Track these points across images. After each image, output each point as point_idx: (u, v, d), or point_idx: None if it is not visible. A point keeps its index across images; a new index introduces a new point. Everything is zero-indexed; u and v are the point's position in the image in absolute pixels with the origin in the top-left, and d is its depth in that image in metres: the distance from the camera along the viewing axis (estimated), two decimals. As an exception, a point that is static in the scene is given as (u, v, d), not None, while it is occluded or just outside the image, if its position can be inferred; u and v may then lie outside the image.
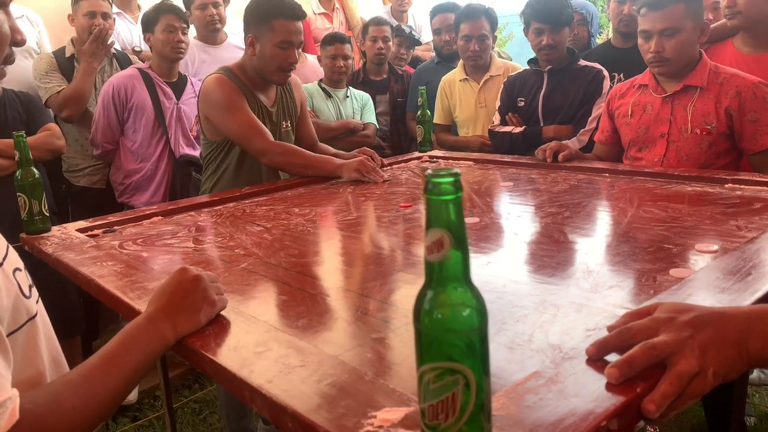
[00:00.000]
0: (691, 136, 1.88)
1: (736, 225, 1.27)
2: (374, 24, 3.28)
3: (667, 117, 1.93)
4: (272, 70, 2.05)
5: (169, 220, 1.65)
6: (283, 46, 2.00)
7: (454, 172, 0.52)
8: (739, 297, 0.89)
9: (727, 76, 1.87)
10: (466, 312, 0.53)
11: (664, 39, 1.85)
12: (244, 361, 0.79)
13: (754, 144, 1.83)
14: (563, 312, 0.91)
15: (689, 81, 1.90)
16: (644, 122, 1.98)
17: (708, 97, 1.86)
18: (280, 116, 2.20)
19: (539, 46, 2.41)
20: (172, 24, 2.60)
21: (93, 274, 1.18)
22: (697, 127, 1.86)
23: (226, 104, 2.02)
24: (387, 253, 1.32)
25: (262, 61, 2.03)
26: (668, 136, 1.92)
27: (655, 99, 1.97)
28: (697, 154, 1.88)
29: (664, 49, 1.86)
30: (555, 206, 1.56)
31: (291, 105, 2.26)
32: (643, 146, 1.99)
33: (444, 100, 2.89)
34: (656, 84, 1.97)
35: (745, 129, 1.82)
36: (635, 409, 0.64)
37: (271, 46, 2.00)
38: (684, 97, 1.91)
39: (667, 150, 1.92)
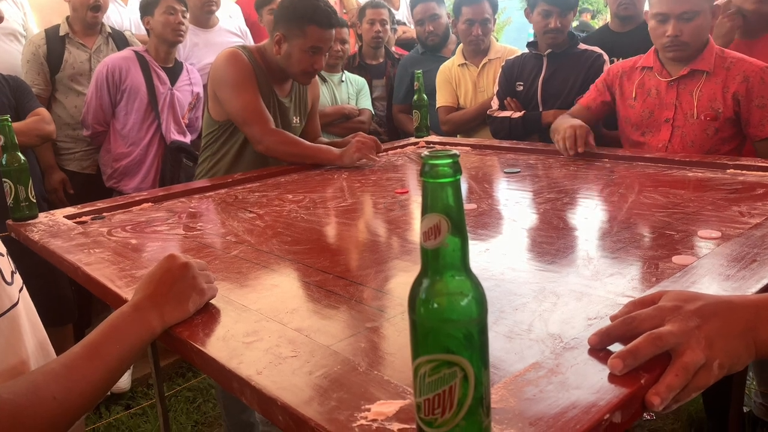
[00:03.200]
0: (696, 122, 1.83)
1: (739, 211, 1.25)
2: (372, 7, 3.22)
3: (672, 102, 1.88)
4: (296, 73, 2.00)
5: (159, 207, 1.62)
6: (312, 52, 1.95)
7: (453, 153, 0.49)
8: (744, 284, 0.86)
9: (734, 61, 1.82)
10: (465, 301, 0.50)
11: (683, 23, 1.78)
12: (233, 351, 0.76)
13: (761, 130, 1.78)
14: (563, 300, 0.88)
15: (696, 65, 1.84)
16: (648, 106, 1.93)
17: (715, 82, 1.81)
18: (293, 111, 2.15)
19: (545, 29, 2.36)
20: (173, 6, 2.55)
21: (80, 261, 1.15)
22: (704, 112, 1.82)
23: (234, 82, 1.94)
24: (382, 240, 1.29)
25: (287, 61, 1.98)
26: (673, 121, 1.87)
27: (660, 82, 1.91)
28: (703, 140, 1.83)
29: (682, 33, 1.78)
30: (554, 192, 1.53)
31: (304, 100, 2.21)
32: (646, 130, 1.94)
33: (447, 84, 2.84)
34: (661, 67, 1.91)
35: (752, 114, 1.78)
36: (639, 401, 0.61)
37: (299, 50, 1.94)
38: (690, 81, 1.85)
39: (672, 135, 1.88)
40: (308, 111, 2.25)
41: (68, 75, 2.65)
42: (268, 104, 2.01)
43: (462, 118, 2.78)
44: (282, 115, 2.10)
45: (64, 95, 2.67)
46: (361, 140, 2.00)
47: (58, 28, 2.66)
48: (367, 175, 1.89)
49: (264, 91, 2.00)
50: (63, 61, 2.63)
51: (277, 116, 2.06)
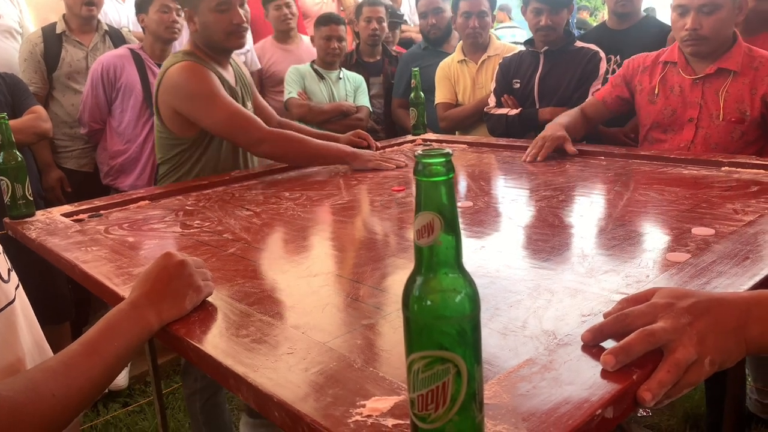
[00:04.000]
0: (722, 124, 1.76)
1: (733, 208, 1.26)
2: (369, 4, 3.23)
3: (697, 101, 1.80)
4: (221, 38, 1.86)
5: (156, 204, 1.62)
6: (221, 9, 1.81)
7: (446, 152, 0.49)
8: (736, 281, 0.87)
9: (763, 60, 1.75)
10: (458, 298, 0.51)
11: (703, 16, 1.72)
12: (229, 348, 0.77)
13: None
14: (558, 297, 0.89)
15: (723, 63, 1.77)
16: (671, 104, 1.85)
17: (743, 83, 1.75)
18: (245, 96, 2.05)
19: (537, 26, 2.38)
20: (167, 4, 2.55)
21: (77, 259, 1.15)
22: (730, 114, 1.75)
23: (204, 93, 1.81)
24: (379, 238, 1.30)
25: (206, 33, 1.86)
26: (698, 121, 1.80)
27: (684, 79, 1.83)
28: (727, 142, 1.76)
29: (702, 27, 1.73)
30: (550, 190, 1.54)
31: (248, 85, 2.11)
32: (668, 129, 1.87)
33: (446, 81, 2.84)
34: (686, 63, 1.84)
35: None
36: (631, 396, 0.62)
37: (209, 13, 1.82)
38: (716, 80, 1.78)
39: (695, 136, 1.80)
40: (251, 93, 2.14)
41: (65, 73, 2.65)
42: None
43: (460, 115, 2.78)
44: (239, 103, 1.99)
45: (62, 93, 2.67)
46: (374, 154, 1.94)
47: (55, 26, 2.66)
48: (364, 173, 1.90)
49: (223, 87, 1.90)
50: (60, 59, 2.63)
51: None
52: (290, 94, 2.94)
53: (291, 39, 3.35)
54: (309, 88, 2.97)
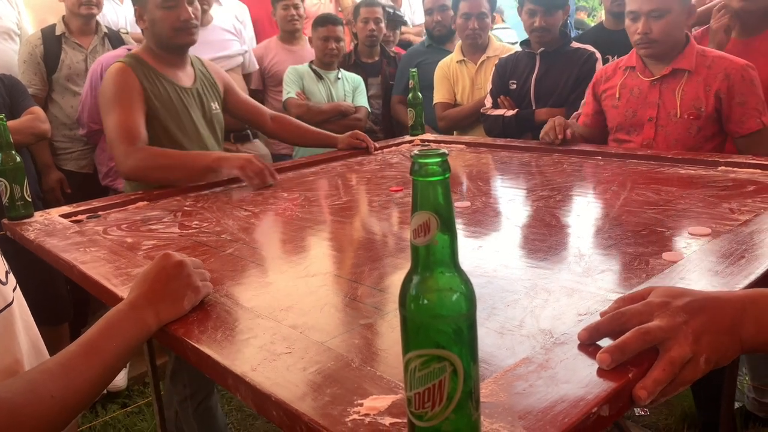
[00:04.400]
0: (680, 121, 1.86)
1: (729, 208, 1.26)
2: (366, 5, 3.23)
3: (655, 101, 1.90)
4: (169, 35, 1.82)
5: (154, 205, 1.62)
6: (167, 5, 1.79)
7: (441, 152, 0.50)
8: (732, 280, 0.87)
9: (715, 59, 1.85)
10: (454, 297, 0.51)
11: (652, 20, 1.83)
12: (228, 348, 0.77)
13: (741, 127, 1.81)
14: (554, 296, 0.89)
15: (677, 64, 1.87)
16: (632, 105, 1.95)
17: (697, 81, 1.84)
18: (207, 96, 1.98)
19: (531, 28, 2.39)
20: None
21: (76, 260, 1.15)
22: (686, 111, 1.84)
23: (109, 98, 1.78)
24: (377, 238, 1.30)
25: (155, 31, 1.83)
26: (657, 120, 1.90)
27: (642, 82, 1.93)
28: (686, 138, 1.86)
29: (652, 31, 1.83)
30: (547, 190, 1.54)
31: (213, 85, 2.04)
32: (630, 130, 1.97)
33: (444, 80, 2.85)
34: (644, 66, 1.94)
35: (733, 112, 1.81)
36: (627, 394, 0.63)
37: (156, 10, 1.80)
38: (672, 80, 1.88)
39: (655, 134, 1.90)
40: (222, 97, 2.07)
41: (65, 75, 2.65)
42: (169, 100, 1.85)
43: (458, 115, 2.79)
44: (198, 103, 1.95)
45: (61, 95, 2.67)
46: (253, 160, 1.74)
47: (54, 28, 2.66)
48: (362, 173, 1.90)
49: (162, 89, 1.84)
50: (59, 61, 2.63)
51: (189, 106, 1.91)
52: (289, 94, 2.94)
53: (296, 40, 3.35)
54: (307, 88, 2.97)
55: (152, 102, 1.82)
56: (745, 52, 2.07)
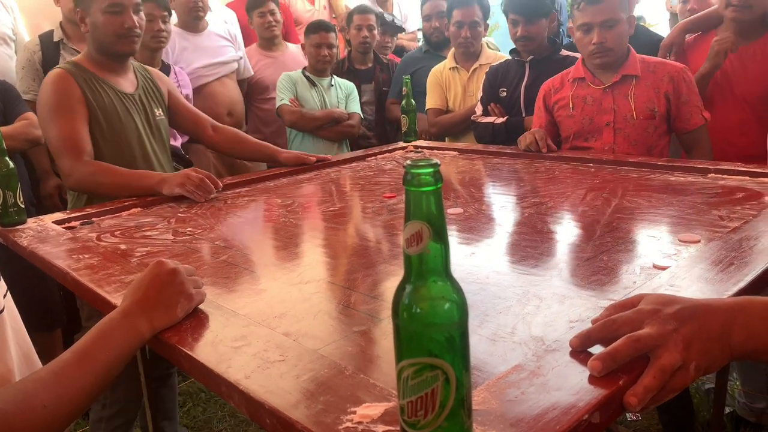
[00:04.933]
0: (637, 122, 1.98)
1: (719, 215, 1.27)
2: (359, 12, 3.25)
3: (610, 106, 2.01)
4: (111, 41, 1.79)
5: (148, 212, 1.62)
6: (113, 11, 1.75)
7: (434, 162, 0.50)
8: (722, 287, 0.88)
9: (657, 65, 2.00)
10: (446, 306, 0.52)
11: (605, 30, 1.94)
12: (221, 356, 0.77)
13: (689, 123, 1.96)
14: (546, 303, 0.90)
15: (625, 71, 1.99)
16: (587, 113, 2.05)
17: (645, 85, 1.97)
18: (150, 103, 1.95)
19: (515, 37, 2.43)
20: (151, 13, 2.54)
21: (69, 267, 1.15)
22: (642, 113, 1.97)
23: (50, 107, 1.74)
24: (371, 245, 1.31)
25: (96, 35, 1.80)
26: (614, 124, 2.01)
27: (594, 90, 2.04)
28: (645, 138, 1.98)
29: (606, 40, 1.94)
30: (538, 196, 1.56)
31: (157, 91, 2.00)
32: (589, 136, 2.07)
33: (437, 87, 2.86)
34: (593, 77, 2.05)
35: (680, 110, 1.96)
36: (618, 402, 0.63)
37: (99, 14, 1.76)
38: (623, 86, 2.00)
39: (615, 137, 2.01)
40: (166, 104, 2.03)
41: None
42: (112, 106, 1.82)
43: (450, 121, 2.80)
44: (141, 109, 1.91)
45: None
46: (190, 174, 1.70)
47: (52, 34, 2.66)
48: (355, 180, 1.91)
49: (104, 95, 1.81)
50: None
51: (133, 113, 1.87)
52: (282, 101, 2.95)
53: (276, 46, 3.36)
54: (301, 94, 2.98)
55: (93, 108, 1.80)
56: (738, 59, 2.09)
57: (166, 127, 2.02)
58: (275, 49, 3.36)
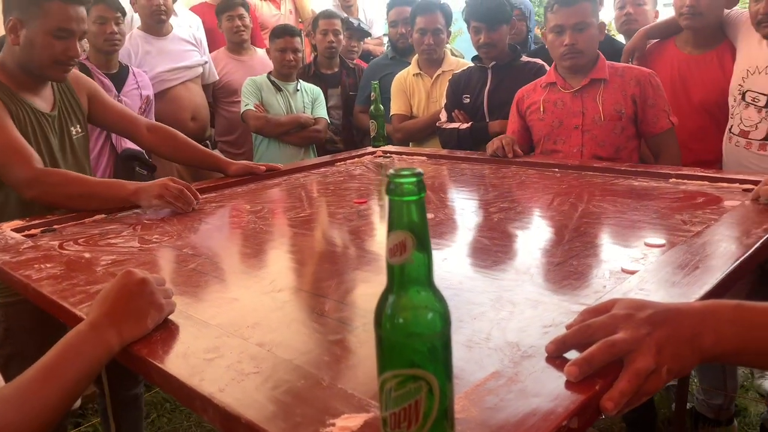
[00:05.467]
0: (605, 124, 2.03)
1: (682, 219, 1.31)
2: (324, 17, 3.24)
3: (579, 109, 2.06)
4: (45, 65, 1.63)
5: (112, 219, 1.58)
6: (59, 35, 1.59)
7: (417, 172, 0.50)
8: (688, 291, 0.90)
9: (625, 69, 2.07)
10: (429, 316, 0.52)
11: (577, 33, 1.99)
12: (194, 368, 0.76)
13: (655, 126, 2.02)
14: (519, 309, 0.91)
15: (594, 75, 2.05)
16: (557, 116, 2.10)
17: (613, 88, 2.03)
18: (67, 121, 1.78)
19: (478, 44, 2.46)
20: (103, 15, 2.49)
21: (29, 277, 1.11)
22: (609, 115, 2.02)
23: None
24: (342, 251, 1.30)
25: (29, 52, 1.60)
26: (582, 126, 2.06)
27: (564, 94, 2.10)
28: (612, 139, 2.03)
29: (578, 42, 2.00)
30: (507, 201, 1.57)
31: (75, 105, 1.82)
32: (558, 139, 2.12)
33: (401, 93, 2.88)
34: (563, 81, 2.11)
35: (646, 113, 2.01)
36: (594, 406, 0.64)
37: (42, 34, 1.58)
38: (591, 90, 2.05)
39: (583, 139, 2.06)
40: (86, 113, 1.87)
41: None
42: (26, 126, 1.64)
43: (414, 127, 2.82)
44: (57, 131, 1.74)
45: None
46: (168, 184, 1.62)
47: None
48: (326, 185, 1.90)
49: (20, 114, 1.63)
50: None
51: (49, 133, 1.70)
52: (247, 106, 2.92)
53: (244, 50, 3.34)
54: (266, 99, 2.95)
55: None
56: (697, 67, 2.16)
57: (84, 144, 1.87)
58: (244, 53, 3.33)
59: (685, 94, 2.19)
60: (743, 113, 1.96)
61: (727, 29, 2.13)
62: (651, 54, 2.33)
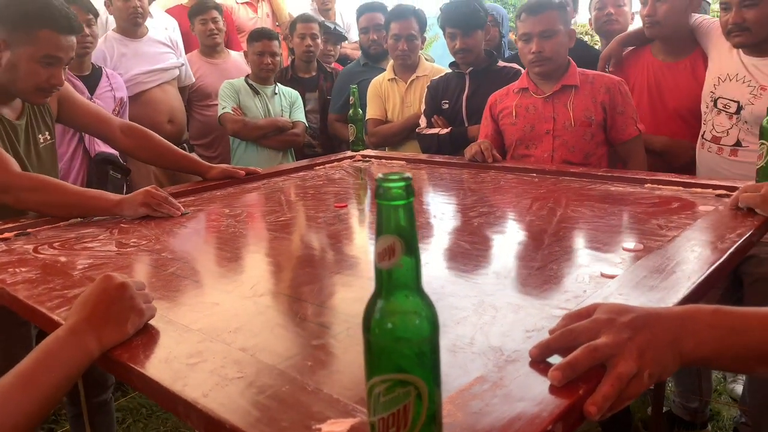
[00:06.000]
0: (575, 129, 2.08)
1: (658, 224, 1.33)
2: (302, 21, 3.23)
3: (550, 115, 2.11)
4: (25, 89, 1.59)
5: (88, 222, 1.56)
6: (46, 62, 1.56)
7: (406, 176, 0.51)
8: (666, 295, 0.92)
9: (595, 76, 2.12)
10: (418, 321, 0.52)
11: (544, 40, 2.03)
12: (176, 373, 0.75)
13: (623, 133, 2.07)
14: (502, 313, 0.91)
15: (565, 81, 2.10)
16: (529, 121, 2.14)
17: (584, 94, 2.08)
18: (34, 129, 1.73)
19: (454, 50, 2.49)
20: None
21: (4, 282, 1.09)
22: (579, 121, 2.07)
23: None
24: (323, 255, 1.29)
25: (12, 75, 1.56)
26: (553, 131, 2.11)
27: (536, 100, 2.14)
28: (582, 144, 2.08)
29: (545, 49, 2.04)
30: (486, 206, 1.58)
31: (45, 111, 1.77)
32: (530, 144, 2.16)
33: (376, 98, 2.88)
34: (535, 87, 2.15)
35: (615, 120, 2.06)
36: (578, 410, 0.65)
37: (29, 60, 1.54)
38: (562, 96, 2.10)
39: (554, 144, 2.11)
40: (55, 118, 1.82)
41: None
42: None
43: (389, 131, 2.83)
44: (23, 140, 1.69)
45: None
46: (152, 192, 1.60)
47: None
48: (305, 189, 1.89)
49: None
50: None
51: (18, 143, 1.66)
52: (224, 109, 2.89)
53: (218, 53, 3.31)
54: (243, 103, 2.93)
55: None
56: (671, 75, 2.20)
57: (53, 151, 1.82)
58: (217, 56, 3.30)
59: (661, 100, 2.23)
60: (715, 119, 2.00)
61: (699, 37, 2.17)
62: (627, 60, 2.37)
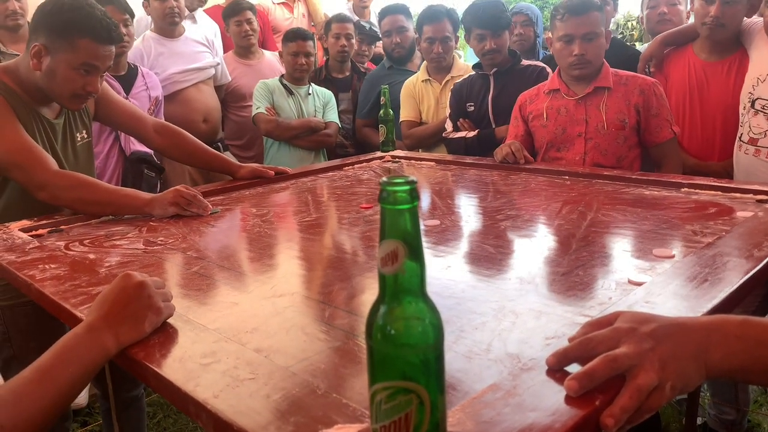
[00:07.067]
0: (608, 132, 2.03)
1: (692, 230, 1.28)
2: (337, 21, 3.24)
3: (582, 117, 2.06)
4: (62, 94, 1.61)
5: (119, 220, 1.59)
6: (84, 70, 1.57)
7: (411, 179, 0.49)
8: (697, 304, 0.88)
9: (629, 77, 2.05)
10: (421, 327, 0.50)
11: (586, 43, 1.98)
12: (190, 373, 0.75)
13: (657, 136, 2.02)
14: (522, 319, 0.89)
15: (598, 83, 2.04)
16: (561, 123, 2.10)
17: (617, 96, 2.02)
18: (72, 127, 1.76)
19: (483, 51, 2.46)
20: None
21: (33, 277, 1.12)
22: (612, 124, 2.02)
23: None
24: (347, 257, 1.29)
25: (50, 80, 1.57)
26: (585, 134, 2.06)
27: (568, 102, 2.09)
28: (615, 148, 2.03)
29: (587, 52, 1.99)
30: (514, 209, 1.55)
31: (83, 109, 1.80)
32: (561, 146, 2.11)
33: (410, 99, 2.87)
34: (567, 88, 2.10)
35: (649, 123, 2.01)
36: (594, 423, 0.62)
37: (67, 67, 1.56)
38: (595, 98, 2.05)
39: (586, 147, 2.06)
40: (92, 117, 1.85)
41: None
42: (41, 134, 1.64)
43: (423, 134, 2.81)
44: (61, 138, 1.72)
45: None
46: (181, 191, 1.62)
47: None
48: (332, 190, 1.89)
49: (29, 121, 1.61)
50: None
51: (56, 141, 1.69)
52: (258, 109, 2.92)
53: (252, 54, 3.33)
54: (277, 103, 2.96)
55: None
56: (713, 75, 2.13)
57: (89, 149, 1.85)
58: (251, 57, 3.33)
59: (700, 100, 2.16)
60: (752, 121, 1.93)
61: (742, 37, 2.10)
62: (668, 59, 2.30)
